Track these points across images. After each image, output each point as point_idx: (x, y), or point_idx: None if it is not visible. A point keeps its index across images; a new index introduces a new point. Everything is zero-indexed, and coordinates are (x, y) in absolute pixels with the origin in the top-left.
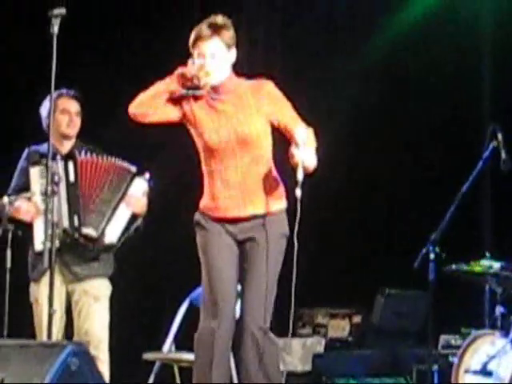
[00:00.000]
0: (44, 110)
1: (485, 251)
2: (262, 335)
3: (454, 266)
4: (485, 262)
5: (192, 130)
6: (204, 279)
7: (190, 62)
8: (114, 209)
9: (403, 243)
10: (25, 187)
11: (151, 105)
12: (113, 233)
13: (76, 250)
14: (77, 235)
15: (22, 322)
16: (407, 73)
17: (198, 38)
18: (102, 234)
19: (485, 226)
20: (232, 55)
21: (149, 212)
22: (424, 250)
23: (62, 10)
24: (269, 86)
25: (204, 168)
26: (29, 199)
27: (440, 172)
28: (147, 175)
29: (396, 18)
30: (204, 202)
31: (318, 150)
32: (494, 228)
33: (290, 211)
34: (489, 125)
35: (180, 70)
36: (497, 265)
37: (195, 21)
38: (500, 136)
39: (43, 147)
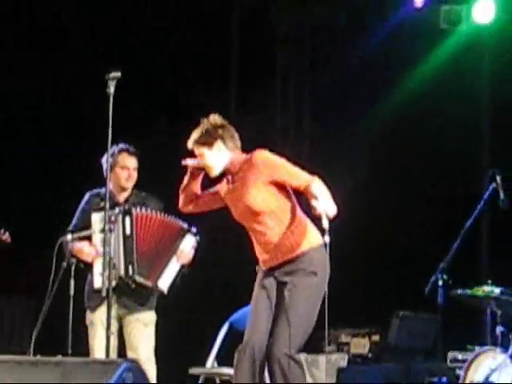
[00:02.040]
0: (105, 162)
1: (486, 278)
2: (286, 360)
3: (459, 291)
4: (486, 288)
5: None
6: None
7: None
8: (167, 262)
9: (416, 272)
10: (85, 226)
11: (184, 199)
12: (164, 283)
13: (129, 292)
14: (131, 282)
15: (82, 342)
16: (416, 130)
17: (192, 150)
18: (156, 284)
19: (484, 257)
20: (217, 149)
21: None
22: (433, 278)
23: (118, 74)
24: (259, 156)
25: None
26: (89, 238)
27: (446, 210)
28: (194, 230)
29: (404, 82)
30: None
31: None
32: (492, 258)
33: None
34: (487, 172)
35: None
36: (497, 290)
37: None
38: (499, 178)
39: (103, 192)
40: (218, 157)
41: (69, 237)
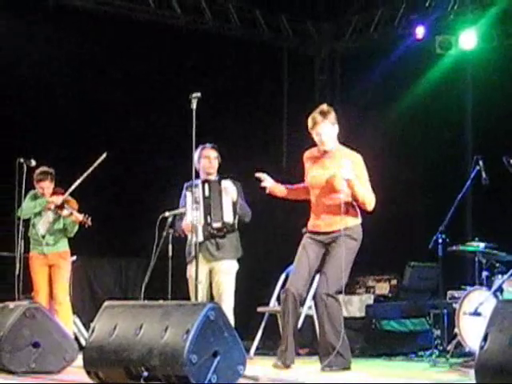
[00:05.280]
0: (195, 156)
1: (473, 236)
2: (326, 297)
3: (454, 247)
4: (474, 244)
5: None
6: None
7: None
8: (221, 203)
9: (422, 233)
10: (184, 205)
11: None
12: (228, 216)
13: (213, 241)
14: (210, 228)
15: (178, 290)
16: (419, 129)
17: (314, 123)
18: (223, 220)
19: (468, 221)
20: (336, 129)
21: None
22: (435, 237)
23: (198, 94)
24: (360, 159)
25: None
26: (183, 213)
27: (443, 188)
28: (223, 176)
29: (410, 93)
30: None
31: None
32: (476, 222)
33: None
34: (472, 158)
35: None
36: (482, 245)
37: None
38: (481, 163)
39: (194, 182)
40: (334, 132)
41: (166, 214)
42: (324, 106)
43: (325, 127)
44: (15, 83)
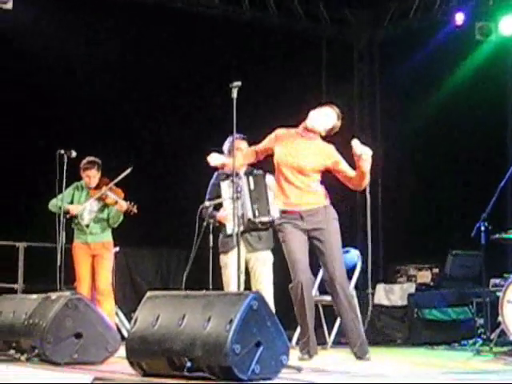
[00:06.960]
0: (225, 147)
1: None
2: (343, 289)
3: (497, 235)
4: None
5: None
6: None
7: None
8: (267, 194)
9: (463, 222)
10: (216, 196)
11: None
12: (274, 210)
13: (254, 233)
14: (257, 222)
15: (220, 281)
16: (459, 116)
17: (327, 104)
18: (269, 214)
19: (509, 208)
20: (327, 132)
21: None
22: (477, 225)
23: (239, 83)
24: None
25: None
26: (220, 204)
27: (484, 175)
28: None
29: (450, 79)
30: None
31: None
32: None
33: None
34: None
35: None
36: None
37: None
38: None
39: (226, 171)
40: (326, 128)
41: (207, 203)
42: (342, 114)
43: (328, 115)
44: (55, 76)
